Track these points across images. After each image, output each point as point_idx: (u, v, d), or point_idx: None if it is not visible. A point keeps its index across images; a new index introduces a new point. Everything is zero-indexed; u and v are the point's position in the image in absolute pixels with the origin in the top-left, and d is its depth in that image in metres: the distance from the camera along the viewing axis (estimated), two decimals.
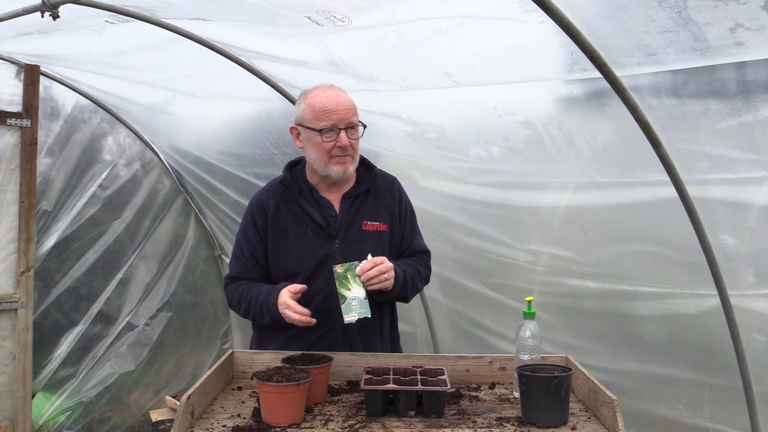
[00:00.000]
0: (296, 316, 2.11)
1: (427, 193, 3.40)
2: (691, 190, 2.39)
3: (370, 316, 2.10)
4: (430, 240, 3.15)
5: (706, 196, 2.41)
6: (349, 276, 2.11)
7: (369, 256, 2.15)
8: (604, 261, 2.90)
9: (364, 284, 2.11)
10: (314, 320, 2.12)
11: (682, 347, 2.74)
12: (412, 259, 2.41)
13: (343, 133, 2.19)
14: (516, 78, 2.56)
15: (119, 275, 4.91)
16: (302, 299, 2.16)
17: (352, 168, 2.27)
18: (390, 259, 2.33)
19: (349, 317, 2.09)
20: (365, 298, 2.10)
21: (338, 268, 2.12)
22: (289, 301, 2.12)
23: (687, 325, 2.70)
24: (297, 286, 2.15)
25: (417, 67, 2.72)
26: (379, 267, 2.13)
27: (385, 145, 3.40)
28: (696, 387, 2.71)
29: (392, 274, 2.17)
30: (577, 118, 2.60)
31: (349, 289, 2.10)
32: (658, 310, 2.75)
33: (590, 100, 2.47)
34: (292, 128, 2.31)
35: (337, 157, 2.22)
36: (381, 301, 2.27)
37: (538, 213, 3.05)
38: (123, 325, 4.90)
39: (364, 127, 2.27)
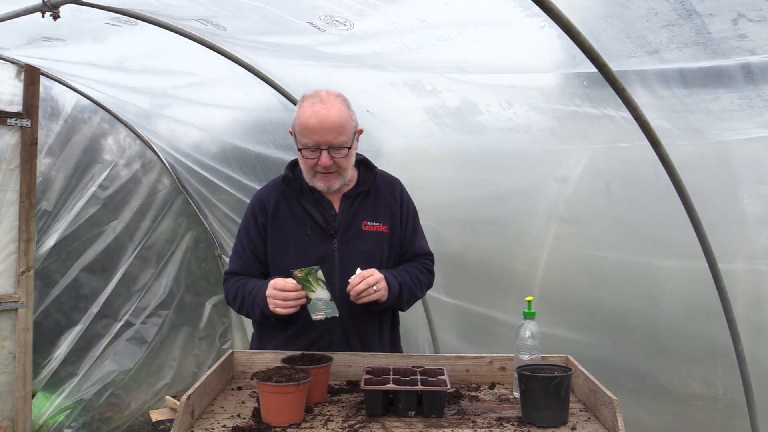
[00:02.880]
0: (292, 294, 2.07)
1: (435, 180, 3.39)
2: (708, 150, 2.35)
3: (338, 315, 2.13)
4: (436, 232, 3.13)
5: (726, 154, 2.37)
6: (310, 279, 2.11)
7: (358, 270, 2.15)
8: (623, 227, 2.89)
9: (354, 299, 2.12)
10: (300, 303, 2.10)
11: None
12: (413, 264, 2.39)
13: (324, 153, 2.16)
14: (521, 72, 2.57)
15: (119, 275, 4.92)
16: None
17: (337, 184, 2.25)
18: (391, 261, 2.34)
19: (317, 316, 2.13)
20: (331, 300, 2.13)
21: (298, 273, 2.10)
22: (278, 283, 2.10)
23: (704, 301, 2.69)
24: (281, 281, 2.12)
25: (424, 64, 2.72)
26: (367, 280, 2.12)
27: (395, 118, 3.36)
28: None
29: (382, 285, 2.16)
30: (584, 115, 2.61)
31: (313, 291, 2.11)
32: (676, 284, 2.74)
33: (597, 98, 2.47)
34: (291, 131, 2.31)
35: (321, 174, 2.22)
36: (375, 311, 2.27)
37: (547, 197, 3.05)
38: (122, 324, 4.91)
39: (351, 146, 2.20)
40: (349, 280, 2.13)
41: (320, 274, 2.11)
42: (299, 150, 2.20)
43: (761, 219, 2.41)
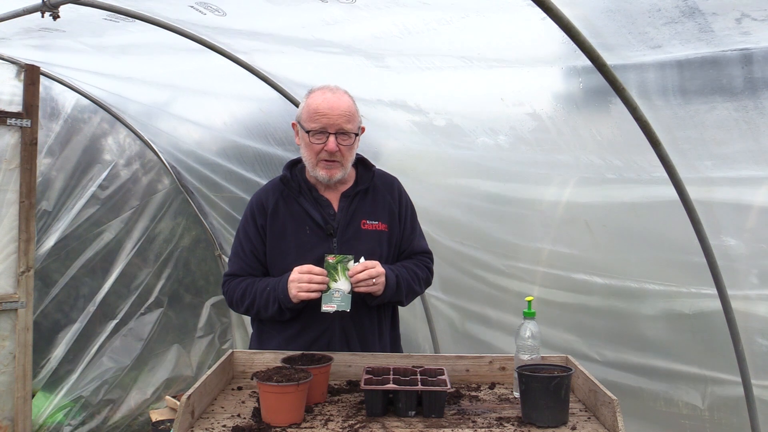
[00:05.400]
0: (317, 278, 2.10)
1: (432, 188, 3.40)
2: (693, 190, 2.39)
3: (348, 310, 2.13)
4: (433, 235, 3.13)
5: (710, 198, 2.40)
6: (339, 268, 2.14)
7: (362, 259, 2.17)
8: (609, 258, 2.90)
9: (352, 283, 2.13)
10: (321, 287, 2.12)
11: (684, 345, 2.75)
12: (412, 261, 2.40)
13: (332, 138, 2.18)
14: (521, 63, 2.56)
15: (118, 274, 4.91)
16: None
17: (339, 175, 2.25)
18: (390, 260, 2.34)
19: (327, 307, 2.13)
20: (349, 293, 2.13)
21: (330, 258, 2.14)
22: (303, 267, 2.12)
23: (690, 324, 2.70)
24: (306, 266, 2.15)
25: (424, 54, 2.72)
26: (369, 271, 2.13)
27: (391, 136, 3.38)
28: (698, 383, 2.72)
29: (382, 279, 2.17)
30: (583, 113, 2.60)
31: (335, 281, 2.13)
32: (662, 309, 2.75)
33: (596, 94, 2.47)
34: (293, 124, 2.33)
35: (324, 162, 2.22)
36: (374, 305, 2.28)
37: (543, 207, 3.05)
38: (122, 323, 4.90)
39: (357, 135, 2.25)
40: (352, 261, 2.14)
41: (351, 264, 2.13)
42: (307, 133, 2.21)
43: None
